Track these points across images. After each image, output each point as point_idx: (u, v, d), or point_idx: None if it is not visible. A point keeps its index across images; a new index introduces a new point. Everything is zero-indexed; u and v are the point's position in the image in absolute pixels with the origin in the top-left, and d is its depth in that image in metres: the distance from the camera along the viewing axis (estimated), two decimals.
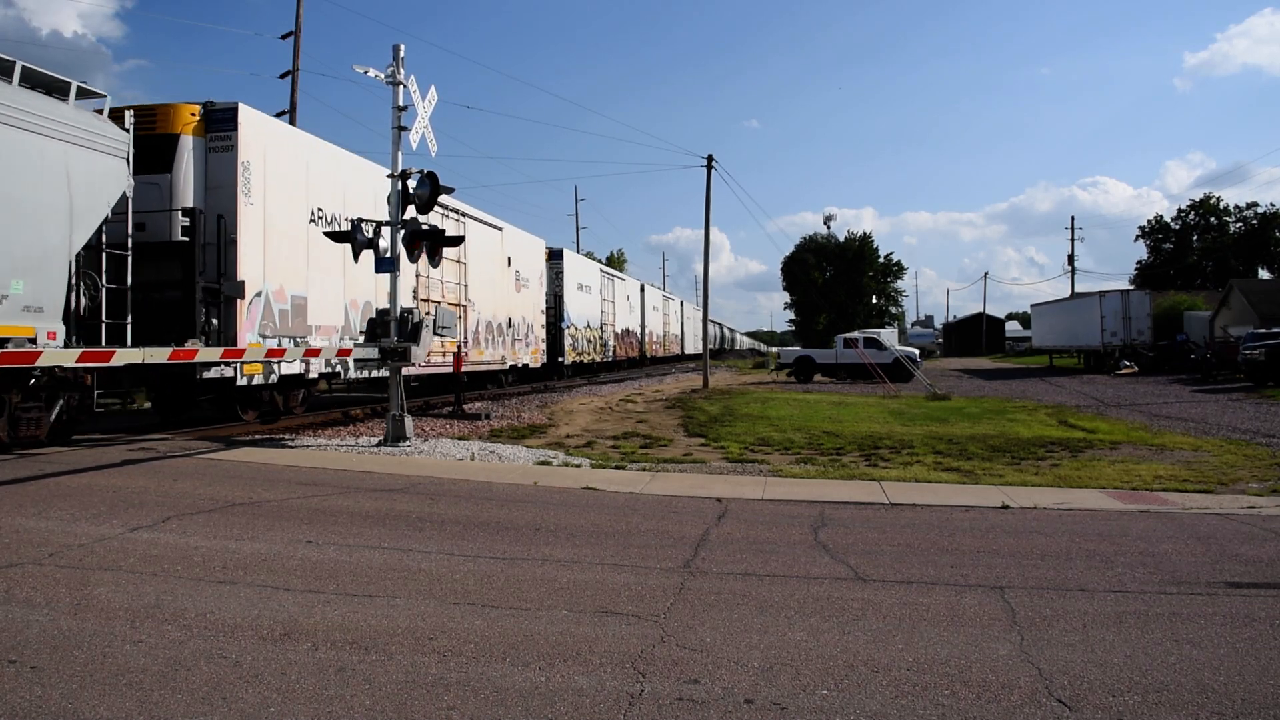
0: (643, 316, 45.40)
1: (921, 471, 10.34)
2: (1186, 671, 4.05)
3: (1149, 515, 7.88)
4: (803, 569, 5.86)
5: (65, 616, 4.44)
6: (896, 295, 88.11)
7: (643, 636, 4.39)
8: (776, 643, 4.36)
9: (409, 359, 12.17)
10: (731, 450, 12.19)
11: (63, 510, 6.92)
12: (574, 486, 8.95)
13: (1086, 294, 47.90)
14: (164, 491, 7.89)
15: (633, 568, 5.81)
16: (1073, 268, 68.46)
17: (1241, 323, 37.12)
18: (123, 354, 9.24)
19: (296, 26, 27.66)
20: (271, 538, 6.31)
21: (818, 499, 8.48)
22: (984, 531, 7.12)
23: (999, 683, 3.88)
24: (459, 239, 13.39)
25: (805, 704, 3.62)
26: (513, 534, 6.70)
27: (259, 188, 12.88)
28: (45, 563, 5.41)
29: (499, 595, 5.07)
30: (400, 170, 12.16)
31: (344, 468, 9.83)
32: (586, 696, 3.63)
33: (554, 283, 29.99)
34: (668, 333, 53.93)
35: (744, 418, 17.10)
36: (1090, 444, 13.27)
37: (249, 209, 12.63)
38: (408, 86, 12.22)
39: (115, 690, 3.56)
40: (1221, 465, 11.03)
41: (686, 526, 7.12)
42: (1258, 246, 72.88)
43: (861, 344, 34.11)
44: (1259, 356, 27.62)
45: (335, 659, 3.97)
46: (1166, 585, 5.57)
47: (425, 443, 12.21)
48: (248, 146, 12.61)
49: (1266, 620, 4.85)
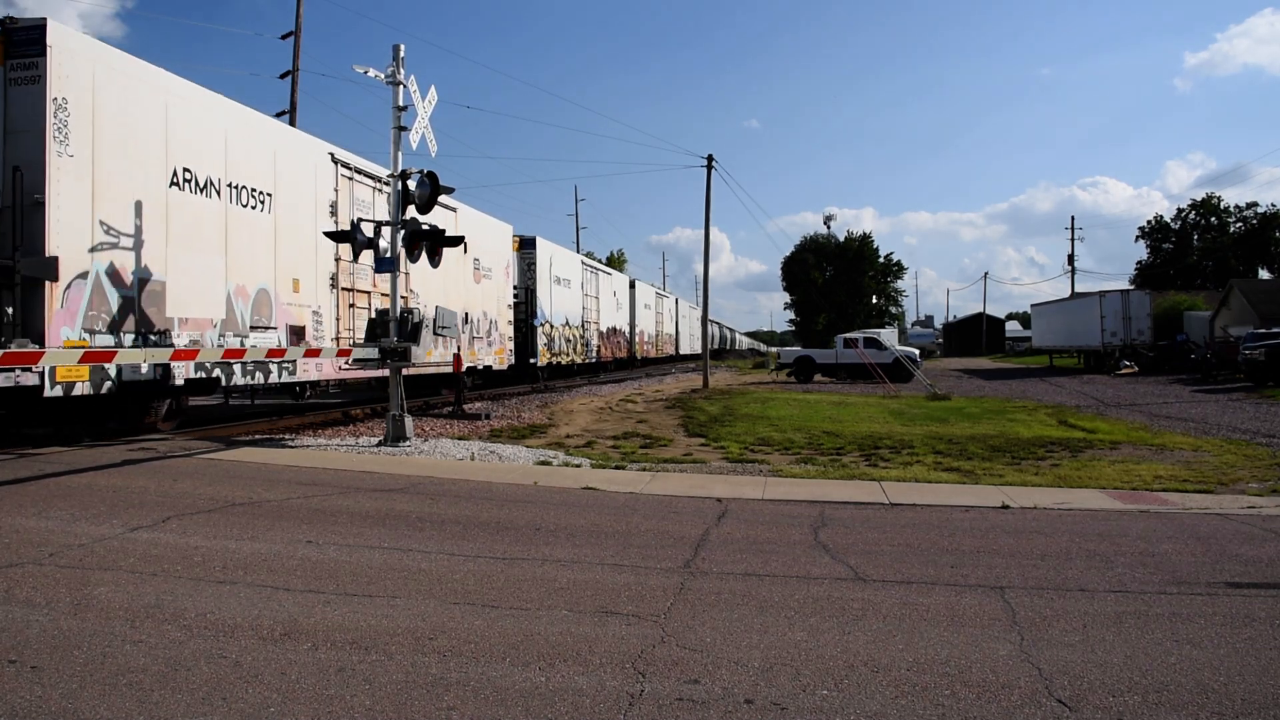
0: (633, 314, 42.91)
1: (921, 471, 10.33)
2: (1186, 671, 4.05)
3: (1149, 515, 7.88)
4: (803, 569, 5.86)
5: (65, 616, 4.44)
6: (896, 295, 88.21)
7: (643, 636, 4.39)
8: (776, 643, 4.36)
9: (409, 359, 12.18)
10: (731, 450, 12.19)
11: (63, 510, 6.91)
12: (574, 486, 8.95)
13: (1086, 294, 47.91)
14: (164, 491, 7.89)
15: (633, 568, 5.81)
16: (1073, 268, 68.55)
17: (1241, 323, 37.12)
18: (124, 354, 9.23)
19: (297, 27, 27.68)
20: (271, 538, 6.31)
21: (818, 499, 8.48)
22: (984, 531, 7.12)
23: (999, 683, 3.88)
24: (459, 239, 13.30)
25: (805, 704, 3.62)
26: (513, 534, 6.70)
27: (83, 135, 10.01)
28: (45, 563, 5.41)
29: (499, 595, 5.08)
30: (400, 170, 12.17)
31: (344, 468, 9.83)
32: (586, 696, 3.63)
33: (525, 275, 27.16)
34: (661, 332, 51.41)
35: (744, 418, 17.10)
36: (1090, 444, 13.27)
37: (65, 162, 9.78)
38: (407, 86, 12.22)
39: (115, 690, 3.56)
40: (1221, 465, 11.03)
41: (686, 526, 7.12)
42: (1258, 246, 72.90)
43: (861, 344, 34.12)
44: (1259, 356, 27.62)
45: (335, 659, 3.97)
46: (1166, 585, 5.57)
47: (425, 443, 12.21)
48: (64, 80, 9.78)
49: (1266, 620, 4.85)
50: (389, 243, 12.35)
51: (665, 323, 53.10)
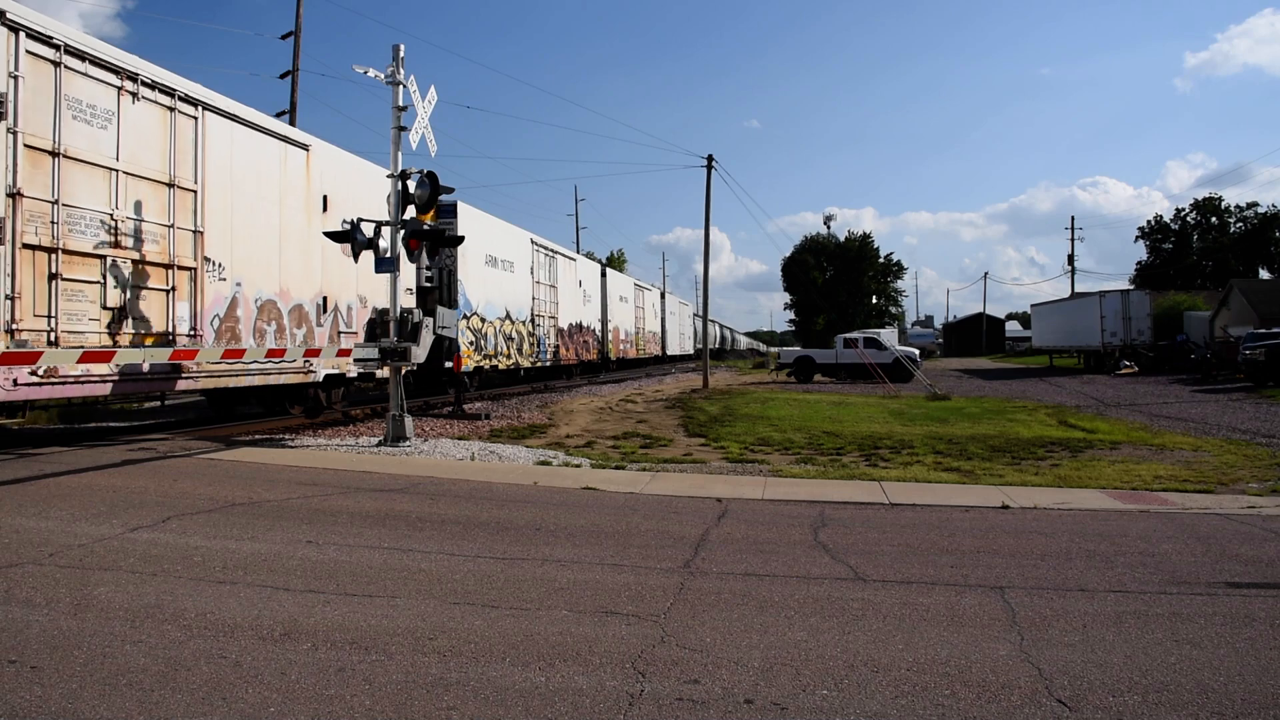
0: (605, 308, 36.03)
1: (921, 471, 10.33)
2: (1186, 671, 4.05)
3: (1149, 515, 7.88)
4: (803, 569, 5.86)
5: (65, 616, 4.43)
6: (896, 295, 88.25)
7: (643, 636, 4.39)
8: (776, 643, 4.36)
9: (409, 359, 12.18)
10: (731, 450, 12.19)
11: (63, 510, 6.91)
12: (574, 486, 8.94)
13: (1086, 294, 47.89)
14: (164, 491, 7.89)
15: (633, 568, 5.81)
16: (1073, 268, 68.55)
17: (1241, 323, 37.11)
18: (124, 354, 9.23)
19: (297, 27, 27.68)
20: (271, 538, 6.30)
21: (818, 499, 8.48)
22: (984, 531, 7.12)
23: (999, 683, 3.88)
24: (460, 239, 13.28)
25: (805, 704, 3.62)
26: (513, 534, 6.70)
27: None
28: (45, 563, 5.41)
29: (499, 595, 5.07)
30: (400, 170, 12.17)
31: (344, 468, 9.83)
32: (586, 696, 3.63)
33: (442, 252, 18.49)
34: (642, 330, 44.24)
35: (744, 418, 17.10)
36: (1090, 444, 13.26)
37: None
38: (407, 86, 12.22)
39: (115, 690, 3.56)
40: (1221, 465, 11.03)
41: (686, 526, 7.12)
42: (1258, 246, 72.91)
43: (861, 344, 34.14)
44: (1259, 356, 27.62)
45: (335, 659, 3.97)
46: (1166, 585, 5.57)
47: (425, 443, 12.21)
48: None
49: (1266, 620, 4.85)
50: (389, 243, 12.35)
51: (647, 319, 46.28)
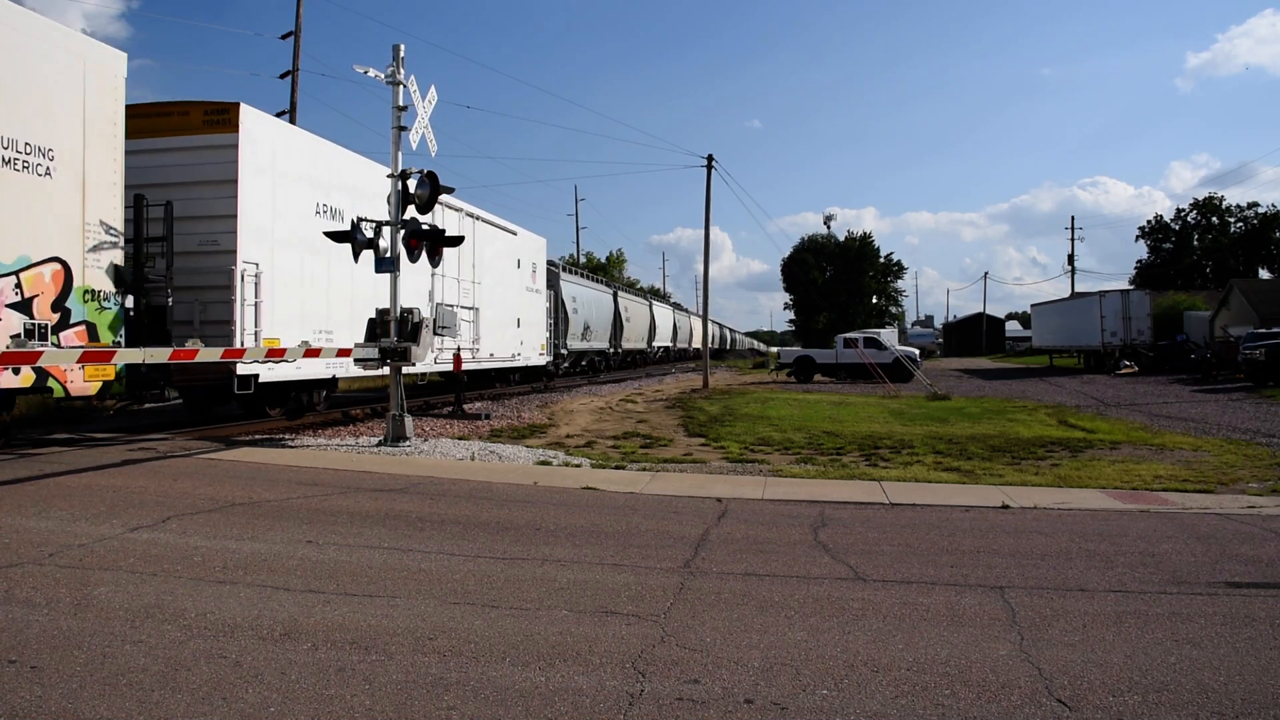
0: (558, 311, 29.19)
1: (921, 471, 10.33)
2: (1186, 671, 4.05)
3: (1149, 515, 7.88)
4: (803, 569, 5.86)
5: (65, 616, 4.44)
6: (897, 295, 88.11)
7: (643, 636, 4.39)
8: (776, 643, 4.36)
9: (409, 359, 12.17)
10: (731, 450, 12.18)
11: (63, 510, 6.91)
12: (574, 486, 8.94)
13: (1086, 294, 47.84)
14: (164, 491, 7.89)
15: (633, 568, 5.81)
16: (1073, 268, 68.50)
17: (1241, 323, 37.10)
18: (123, 354, 9.23)
19: (297, 27, 27.68)
20: (271, 538, 6.30)
21: (818, 499, 8.48)
22: (984, 531, 7.12)
23: (999, 683, 3.88)
24: (460, 238, 13.26)
25: (805, 704, 3.62)
26: (513, 534, 6.70)
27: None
28: (45, 563, 5.41)
29: (499, 595, 5.07)
30: (400, 170, 12.16)
31: (344, 468, 9.83)
32: (586, 696, 3.63)
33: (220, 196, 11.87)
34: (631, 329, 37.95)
35: (744, 418, 17.10)
36: (1090, 444, 13.26)
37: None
38: (407, 86, 12.22)
39: (115, 690, 3.56)
40: (1221, 465, 11.02)
41: (686, 526, 7.12)
42: (1258, 246, 72.85)
43: (861, 344, 34.12)
44: (1259, 356, 27.61)
45: (335, 659, 3.97)
46: (1166, 585, 5.57)
47: (425, 443, 12.21)
48: None
49: (1266, 620, 4.85)
50: (389, 242, 12.34)
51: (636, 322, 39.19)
